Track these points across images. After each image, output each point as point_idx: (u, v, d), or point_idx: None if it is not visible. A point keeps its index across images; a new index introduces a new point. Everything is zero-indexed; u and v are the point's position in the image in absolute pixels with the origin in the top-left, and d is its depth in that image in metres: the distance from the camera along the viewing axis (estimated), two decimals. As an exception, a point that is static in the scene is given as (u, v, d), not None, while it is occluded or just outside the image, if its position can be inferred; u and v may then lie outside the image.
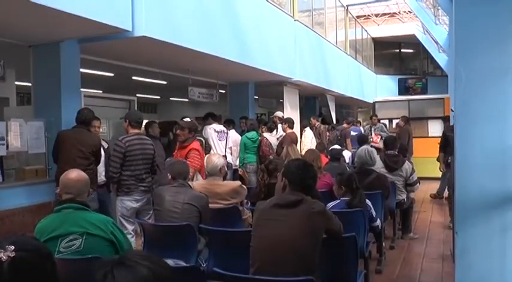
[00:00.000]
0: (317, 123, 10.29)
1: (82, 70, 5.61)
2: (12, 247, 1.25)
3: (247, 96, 9.69)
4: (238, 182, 4.22)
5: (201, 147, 5.48)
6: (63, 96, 5.20)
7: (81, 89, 5.63)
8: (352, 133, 10.34)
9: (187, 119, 5.29)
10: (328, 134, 10.39)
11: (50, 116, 5.14)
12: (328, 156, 6.19)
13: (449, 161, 6.33)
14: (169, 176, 3.72)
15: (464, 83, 2.44)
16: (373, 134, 10.59)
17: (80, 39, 5.30)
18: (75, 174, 2.61)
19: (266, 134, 7.66)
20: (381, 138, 9.64)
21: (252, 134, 7.29)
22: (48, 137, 5.11)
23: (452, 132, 6.10)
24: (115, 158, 4.39)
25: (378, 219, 4.17)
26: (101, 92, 8.67)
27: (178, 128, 5.52)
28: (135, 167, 4.41)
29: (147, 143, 4.62)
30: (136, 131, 4.59)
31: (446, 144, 6.48)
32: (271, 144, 7.44)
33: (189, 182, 4.00)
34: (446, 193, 7.71)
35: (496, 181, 2.37)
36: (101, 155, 5.01)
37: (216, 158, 4.13)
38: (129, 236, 3.90)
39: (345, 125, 10.81)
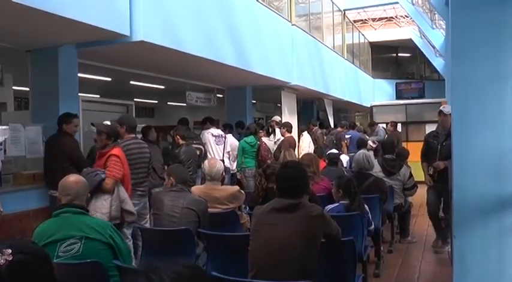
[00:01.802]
0: (314, 128, 10.29)
1: (80, 75, 5.60)
2: (10, 250, 1.25)
3: (245, 100, 9.68)
4: (237, 187, 4.23)
5: (122, 154, 4.20)
6: (61, 101, 5.18)
7: (79, 94, 5.62)
8: (346, 136, 10.35)
9: (107, 122, 4.32)
10: (324, 138, 10.39)
11: (48, 121, 5.11)
12: (326, 161, 6.19)
13: (430, 172, 5.51)
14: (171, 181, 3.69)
15: (461, 88, 2.45)
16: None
17: (78, 44, 5.30)
18: (74, 177, 2.65)
19: (264, 139, 7.67)
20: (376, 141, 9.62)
21: (250, 139, 7.28)
22: (45, 142, 5.09)
23: (434, 138, 5.75)
24: None
25: (373, 224, 4.19)
26: (98, 96, 8.68)
27: (96, 133, 4.40)
28: (132, 171, 4.39)
29: (144, 147, 4.63)
30: (132, 135, 4.60)
31: (428, 152, 5.73)
32: (269, 148, 7.45)
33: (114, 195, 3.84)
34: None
35: (493, 185, 2.38)
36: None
37: (218, 163, 4.14)
38: (126, 240, 3.90)
39: (339, 129, 10.82)
